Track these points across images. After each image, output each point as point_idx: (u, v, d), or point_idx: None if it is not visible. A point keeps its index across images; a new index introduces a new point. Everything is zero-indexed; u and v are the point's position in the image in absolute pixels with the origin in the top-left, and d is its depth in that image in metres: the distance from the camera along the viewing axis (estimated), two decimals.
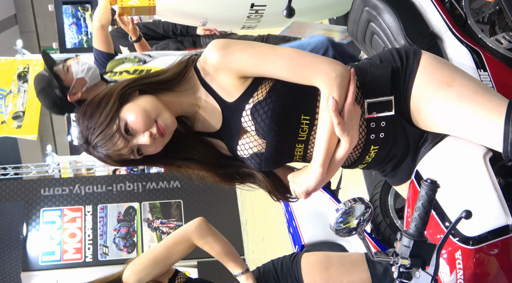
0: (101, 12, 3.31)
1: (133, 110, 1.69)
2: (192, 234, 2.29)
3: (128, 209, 9.29)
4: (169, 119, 1.72)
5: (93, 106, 1.71)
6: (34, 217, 9.17)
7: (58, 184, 9.47)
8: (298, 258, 2.35)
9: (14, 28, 13.91)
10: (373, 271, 2.26)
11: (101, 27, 3.35)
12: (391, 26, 2.16)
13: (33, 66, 5.93)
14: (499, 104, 1.68)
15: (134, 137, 1.70)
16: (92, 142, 1.69)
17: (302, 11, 3.41)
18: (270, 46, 1.74)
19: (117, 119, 1.67)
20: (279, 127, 1.75)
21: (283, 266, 2.35)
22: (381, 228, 2.91)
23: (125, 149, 1.69)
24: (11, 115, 5.60)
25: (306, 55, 1.72)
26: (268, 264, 2.42)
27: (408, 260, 1.46)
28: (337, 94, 1.68)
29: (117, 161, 1.73)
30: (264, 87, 1.73)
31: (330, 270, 2.28)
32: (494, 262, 1.64)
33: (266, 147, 1.78)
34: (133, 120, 1.68)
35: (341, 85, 1.69)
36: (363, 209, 1.46)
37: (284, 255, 2.44)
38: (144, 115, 1.68)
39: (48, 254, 9.03)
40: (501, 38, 2.19)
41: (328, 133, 1.70)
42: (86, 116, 1.70)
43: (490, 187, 1.68)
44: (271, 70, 1.71)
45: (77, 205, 9.27)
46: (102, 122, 1.67)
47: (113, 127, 1.67)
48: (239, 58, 1.70)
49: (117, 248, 9.06)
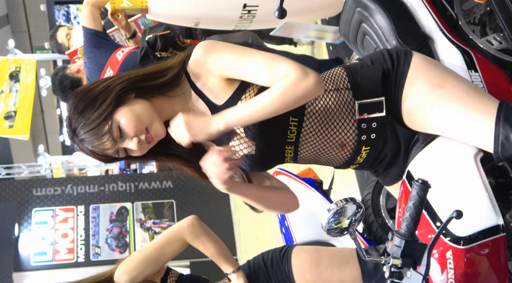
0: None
1: (128, 115, 1.68)
2: (185, 232, 2.28)
3: (121, 209, 9.27)
4: (160, 129, 1.72)
5: (87, 101, 1.68)
6: (26, 217, 9.14)
7: (50, 184, 9.44)
8: (288, 254, 2.34)
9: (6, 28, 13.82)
10: (363, 268, 2.26)
11: (86, 3, 3.35)
12: (382, 27, 2.16)
13: (25, 66, 5.90)
14: (489, 105, 1.69)
15: (123, 141, 1.70)
16: (80, 136, 1.67)
17: (294, 11, 3.41)
18: (253, 50, 1.71)
19: (110, 121, 1.67)
20: (267, 130, 1.75)
21: (273, 262, 2.34)
22: (373, 228, 2.92)
23: (111, 149, 1.69)
24: (3, 115, 5.57)
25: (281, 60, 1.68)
26: (258, 259, 2.41)
27: (400, 260, 1.47)
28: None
29: (100, 158, 1.73)
30: (252, 90, 1.73)
31: (320, 267, 2.27)
32: (485, 262, 1.65)
33: (255, 149, 1.79)
34: (126, 125, 1.67)
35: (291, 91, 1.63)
36: (355, 209, 1.47)
37: (275, 248, 2.43)
38: (137, 122, 1.68)
39: (40, 254, 9.00)
40: (492, 39, 2.20)
41: (262, 105, 1.64)
42: (78, 109, 1.67)
43: (481, 187, 1.69)
44: (248, 73, 1.68)
45: (69, 205, 9.24)
46: (94, 120, 1.65)
47: (104, 128, 1.66)
48: (220, 57, 1.69)
49: (110, 248, 9.04)
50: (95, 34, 3.43)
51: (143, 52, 3.11)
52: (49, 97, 13.28)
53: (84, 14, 3.43)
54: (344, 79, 1.82)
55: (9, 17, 13.90)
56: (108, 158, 1.74)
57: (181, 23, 3.60)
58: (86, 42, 3.46)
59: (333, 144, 1.83)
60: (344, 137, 1.82)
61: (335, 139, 1.82)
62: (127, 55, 3.34)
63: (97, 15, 3.44)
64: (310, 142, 1.82)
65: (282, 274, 2.30)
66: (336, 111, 1.80)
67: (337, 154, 1.86)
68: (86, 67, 3.50)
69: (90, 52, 3.44)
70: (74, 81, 3.67)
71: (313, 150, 1.84)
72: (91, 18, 3.40)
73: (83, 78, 3.65)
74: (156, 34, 3.13)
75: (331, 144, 1.83)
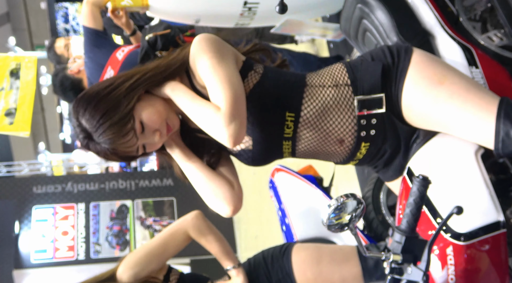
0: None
1: (149, 111, 1.70)
2: (189, 226, 2.29)
3: (121, 207, 9.26)
4: (176, 120, 1.77)
5: (103, 100, 1.67)
6: (26, 214, 9.13)
7: (51, 182, 9.44)
8: (288, 251, 2.34)
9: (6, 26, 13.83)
10: (364, 265, 2.27)
11: (87, 2, 3.34)
12: (383, 23, 2.16)
13: (25, 63, 5.89)
14: (490, 102, 1.69)
15: (144, 136, 1.72)
16: (99, 139, 1.66)
17: (295, 8, 3.41)
18: (227, 65, 1.70)
19: (132, 119, 1.68)
20: (263, 125, 1.76)
21: (274, 259, 2.34)
22: (373, 225, 2.92)
23: (134, 146, 1.71)
24: (4, 112, 5.56)
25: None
26: (258, 257, 2.41)
27: (400, 256, 1.47)
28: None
29: (121, 156, 1.73)
30: (248, 86, 1.74)
31: (321, 265, 2.28)
32: (485, 258, 1.65)
33: (252, 144, 1.80)
34: (148, 120, 1.70)
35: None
36: (355, 204, 1.47)
37: (275, 245, 2.43)
38: (159, 116, 1.71)
39: (40, 251, 8.99)
40: (492, 35, 2.20)
41: (193, 109, 1.69)
42: (97, 111, 1.66)
43: (482, 183, 1.69)
44: (208, 86, 1.69)
45: (69, 203, 9.23)
46: (117, 119, 1.65)
47: (127, 126, 1.66)
48: (199, 57, 1.71)
49: (110, 246, 9.03)
50: (95, 33, 3.42)
51: (144, 51, 3.11)
52: (49, 95, 13.28)
53: (84, 13, 3.42)
54: (344, 75, 1.82)
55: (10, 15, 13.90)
56: (128, 157, 1.75)
57: (181, 20, 3.59)
58: (87, 42, 3.45)
59: (331, 139, 1.83)
60: (343, 133, 1.82)
61: (333, 135, 1.82)
62: (128, 55, 3.33)
63: (97, 14, 3.43)
64: (308, 137, 1.82)
65: (282, 271, 2.30)
66: (335, 107, 1.80)
67: (336, 149, 1.86)
68: (86, 67, 3.49)
69: (90, 51, 3.43)
70: (74, 82, 3.66)
71: (310, 145, 1.84)
72: (91, 17, 3.39)
73: (83, 79, 3.65)
74: (156, 34, 3.14)
75: (329, 139, 1.83)
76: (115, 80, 1.73)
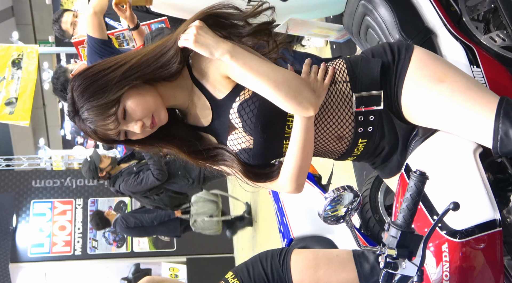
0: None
1: (136, 99, 1.69)
2: None
3: (119, 203, 9.27)
4: (163, 115, 1.74)
5: (96, 82, 1.68)
6: (24, 208, 9.15)
7: (50, 176, 9.45)
8: (287, 261, 2.33)
9: (11, 20, 13.85)
10: (360, 270, 2.26)
11: (94, 13, 3.34)
12: (386, 20, 2.16)
13: (27, 53, 5.90)
14: (490, 101, 1.69)
15: (126, 123, 1.71)
16: (83, 115, 1.68)
17: (299, 8, 3.41)
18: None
19: (118, 104, 1.67)
20: (265, 125, 1.75)
21: (274, 271, 2.33)
22: (370, 224, 2.92)
23: (114, 130, 1.70)
24: (4, 101, 5.58)
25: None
26: (256, 265, 2.38)
27: (395, 250, 1.46)
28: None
29: (101, 138, 1.73)
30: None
31: (318, 273, 2.27)
32: (480, 256, 1.65)
33: (253, 143, 1.79)
34: (132, 109, 1.68)
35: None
36: (352, 197, 1.47)
37: (272, 250, 2.41)
38: (144, 107, 1.69)
39: (37, 246, 9.01)
40: (495, 36, 2.20)
41: (264, 73, 1.65)
42: (86, 91, 1.67)
43: (479, 182, 1.69)
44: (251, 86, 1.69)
45: (67, 198, 9.25)
46: (103, 102, 1.65)
47: (111, 109, 1.66)
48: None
49: (107, 242, 9.04)
50: (101, 43, 3.42)
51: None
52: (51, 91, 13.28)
53: (89, 23, 3.42)
54: (343, 72, 1.83)
55: (14, 9, 13.94)
56: (108, 139, 1.74)
57: (184, 16, 3.59)
58: (91, 51, 3.46)
59: (331, 137, 1.83)
60: (341, 130, 1.82)
61: (333, 132, 1.83)
62: None
63: (103, 24, 3.43)
64: None
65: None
66: (333, 105, 1.80)
67: (335, 146, 1.86)
68: None
69: (94, 60, 3.43)
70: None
71: None
72: (97, 27, 3.39)
73: None
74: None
75: (328, 137, 1.83)
76: (116, 62, 1.72)
